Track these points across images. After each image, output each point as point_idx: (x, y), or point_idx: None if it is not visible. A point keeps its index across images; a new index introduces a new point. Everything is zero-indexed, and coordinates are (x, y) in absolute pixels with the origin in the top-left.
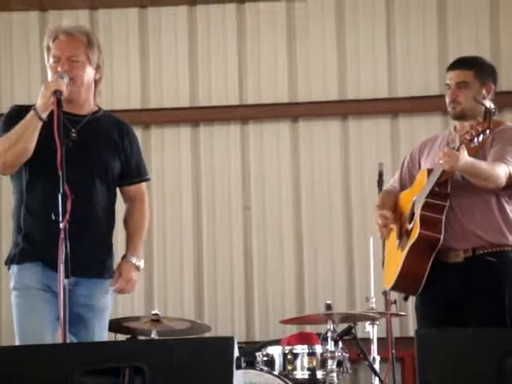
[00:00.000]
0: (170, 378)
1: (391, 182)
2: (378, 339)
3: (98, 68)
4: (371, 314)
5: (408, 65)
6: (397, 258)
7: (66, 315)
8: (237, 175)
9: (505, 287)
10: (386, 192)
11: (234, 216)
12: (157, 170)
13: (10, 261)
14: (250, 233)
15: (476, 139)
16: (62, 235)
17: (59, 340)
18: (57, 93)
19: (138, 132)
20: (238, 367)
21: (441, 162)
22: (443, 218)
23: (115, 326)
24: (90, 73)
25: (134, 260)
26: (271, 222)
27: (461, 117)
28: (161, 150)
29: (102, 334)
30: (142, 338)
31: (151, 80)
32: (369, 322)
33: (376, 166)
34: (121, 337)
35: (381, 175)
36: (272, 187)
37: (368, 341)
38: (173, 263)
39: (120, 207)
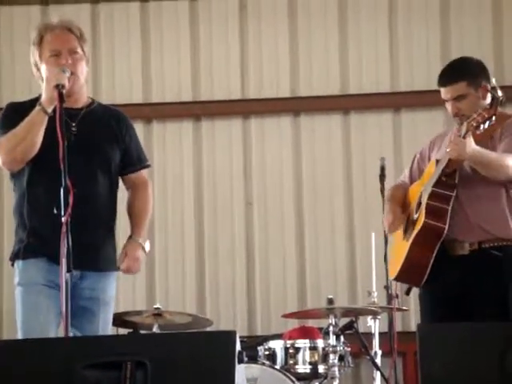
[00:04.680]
0: (172, 373)
1: (401, 177)
2: (380, 333)
3: (87, 61)
4: (373, 309)
5: (410, 59)
6: (402, 248)
7: (69, 309)
8: (238, 169)
9: (509, 281)
10: (396, 186)
11: (235, 210)
12: (158, 164)
13: (14, 256)
14: (252, 227)
15: (482, 126)
16: (63, 229)
17: (62, 334)
18: (59, 86)
19: (140, 126)
20: (240, 361)
21: (448, 150)
22: (449, 208)
23: (117, 320)
24: (85, 65)
25: (140, 240)
26: (273, 217)
27: None
28: (162, 144)
29: (106, 328)
30: (143, 332)
31: (152, 74)
32: (370, 317)
33: (378, 160)
34: (122, 331)
35: (383, 170)
36: (274, 182)
37: (370, 335)
38: (175, 258)
39: (121, 196)
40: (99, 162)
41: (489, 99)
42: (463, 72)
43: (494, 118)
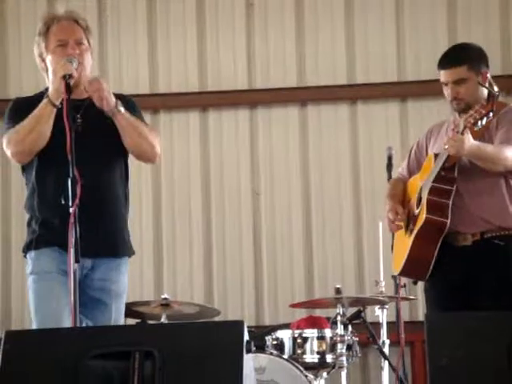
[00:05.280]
0: (180, 363)
1: (399, 170)
2: (388, 323)
3: (91, 53)
4: (381, 298)
5: (417, 48)
6: (405, 242)
7: (77, 299)
8: (245, 159)
9: None
10: (396, 180)
11: (242, 201)
12: (166, 154)
13: (26, 247)
14: (259, 217)
15: (480, 122)
16: (71, 220)
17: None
18: (66, 77)
19: (147, 117)
20: (248, 351)
21: (446, 146)
22: (450, 202)
23: (125, 310)
24: (90, 57)
25: None
26: (280, 207)
27: (466, 110)
28: (169, 134)
29: (119, 318)
30: (151, 322)
31: (160, 65)
32: (378, 306)
33: (385, 150)
34: (131, 321)
35: (390, 159)
36: (281, 172)
37: (377, 325)
38: (182, 248)
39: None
40: (107, 151)
41: (485, 93)
42: (465, 56)
43: (491, 114)
